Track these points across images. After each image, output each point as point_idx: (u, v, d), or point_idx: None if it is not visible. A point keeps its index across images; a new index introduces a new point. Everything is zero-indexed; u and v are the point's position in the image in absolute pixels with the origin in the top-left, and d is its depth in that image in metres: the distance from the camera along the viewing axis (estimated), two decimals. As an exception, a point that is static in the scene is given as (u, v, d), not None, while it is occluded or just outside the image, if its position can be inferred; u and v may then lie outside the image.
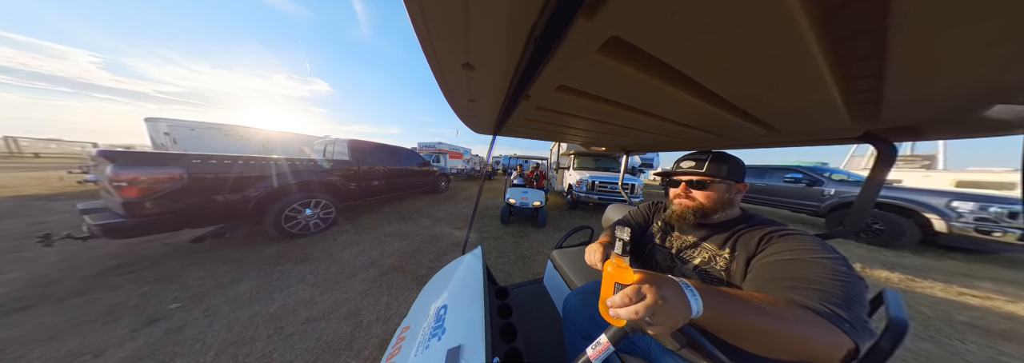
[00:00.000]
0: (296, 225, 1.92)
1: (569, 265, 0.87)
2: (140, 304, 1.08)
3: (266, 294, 1.19)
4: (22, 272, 1.29)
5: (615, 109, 0.43)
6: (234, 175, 1.61)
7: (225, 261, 1.49)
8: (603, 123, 0.59)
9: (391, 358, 0.43)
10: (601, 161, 4.26)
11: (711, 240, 0.44)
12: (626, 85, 0.33)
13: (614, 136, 0.84)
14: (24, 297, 1.09)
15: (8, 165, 6.34)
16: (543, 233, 2.46)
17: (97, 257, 1.47)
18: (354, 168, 2.54)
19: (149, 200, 1.32)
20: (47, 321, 0.97)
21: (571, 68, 0.28)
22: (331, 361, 0.83)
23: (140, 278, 1.27)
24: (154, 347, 0.86)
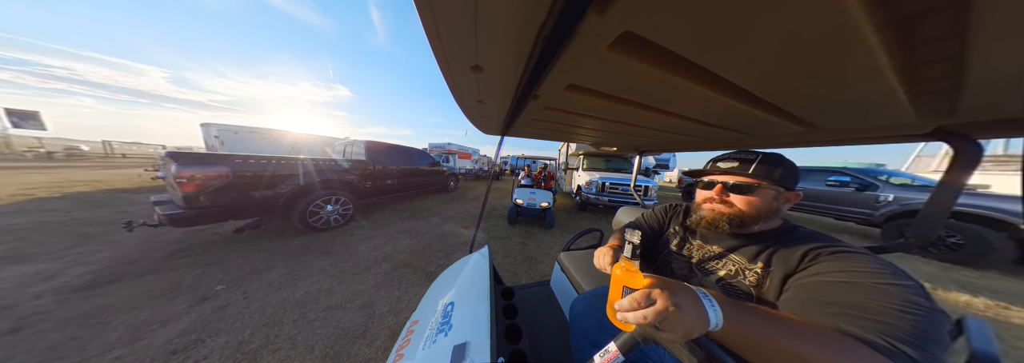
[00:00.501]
0: (318, 220, 2.10)
1: (577, 268, 0.85)
2: (194, 284, 1.25)
3: (293, 282, 1.31)
4: (111, 252, 1.55)
5: (628, 108, 0.41)
6: (268, 173, 1.81)
7: (260, 250, 1.67)
8: (615, 122, 0.56)
9: (401, 350, 0.44)
10: (612, 162, 4.10)
11: (741, 251, 0.39)
12: (640, 82, 0.31)
13: (626, 136, 0.81)
14: (113, 272, 1.32)
15: (104, 164, 7.85)
16: (550, 234, 2.42)
17: (164, 241, 1.73)
18: (370, 168, 2.71)
19: (202, 194, 1.53)
20: (129, 293, 1.16)
21: (581, 66, 0.27)
22: (347, 348, 0.90)
23: (194, 262, 1.47)
24: (204, 322, 0.99)
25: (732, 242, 0.41)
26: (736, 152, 0.41)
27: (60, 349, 0.84)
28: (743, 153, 0.40)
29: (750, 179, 0.38)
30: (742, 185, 0.38)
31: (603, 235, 1.26)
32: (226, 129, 4.60)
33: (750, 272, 0.37)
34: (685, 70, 0.26)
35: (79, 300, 1.09)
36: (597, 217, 3.37)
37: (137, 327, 0.95)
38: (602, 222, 3.11)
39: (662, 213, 0.58)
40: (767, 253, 0.37)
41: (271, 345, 0.90)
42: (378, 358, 0.87)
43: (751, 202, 0.38)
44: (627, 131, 0.68)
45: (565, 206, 3.99)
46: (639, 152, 1.24)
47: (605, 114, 0.49)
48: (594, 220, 3.20)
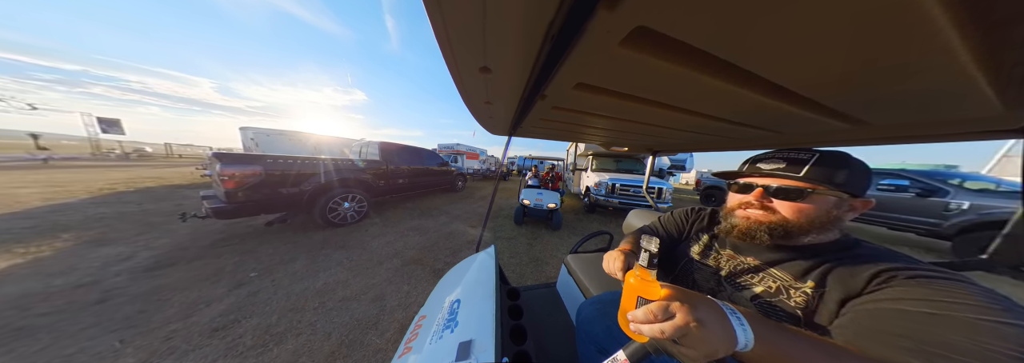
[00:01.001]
0: (337, 216, 2.26)
1: (585, 271, 0.83)
2: (232, 270, 1.41)
3: (313, 273, 1.43)
4: (169, 239, 1.81)
5: (640, 106, 0.39)
6: (294, 172, 1.98)
7: (286, 242, 1.84)
8: (626, 122, 0.54)
9: (409, 343, 0.46)
10: (623, 162, 3.94)
11: (785, 266, 0.33)
12: (654, 79, 0.29)
13: (638, 135, 0.76)
14: (170, 257, 1.53)
15: (165, 163, 9.21)
16: (557, 236, 2.39)
17: (209, 232, 1.97)
18: (383, 167, 2.86)
19: (241, 190, 1.72)
20: (182, 275, 1.34)
21: (590, 65, 0.26)
22: (360, 337, 0.96)
23: (233, 250, 1.66)
24: (240, 304, 1.12)
25: (774, 255, 0.35)
26: (783, 150, 0.35)
27: (132, 320, 1.00)
28: (794, 151, 0.34)
29: (801, 183, 0.31)
30: (789, 189, 0.32)
31: (613, 238, 1.22)
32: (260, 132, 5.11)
33: (796, 291, 0.31)
34: (706, 65, 0.24)
35: (146, 279, 1.29)
36: (606, 220, 3.26)
37: (189, 305, 1.10)
38: (611, 225, 3.00)
39: (682, 218, 0.53)
40: (820, 271, 0.31)
41: (294, 329, 0.99)
42: (388, 349, 0.92)
43: (801, 210, 0.31)
44: (639, 131, 0.65)
45: (573, 207, 3.90)
46: (652, 153, 1.18)
47: (616, 113, 0.47)
48: (603, 223, 3.10)
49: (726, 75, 0.26)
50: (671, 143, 0.92)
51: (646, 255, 0.25)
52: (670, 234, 0.52)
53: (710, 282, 0.41)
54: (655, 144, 1.00)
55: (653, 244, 0.25)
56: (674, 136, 0.71)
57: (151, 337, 0.92)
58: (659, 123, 0.53)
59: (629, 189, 3.08)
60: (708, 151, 0.94)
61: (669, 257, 0.49)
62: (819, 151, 0.33)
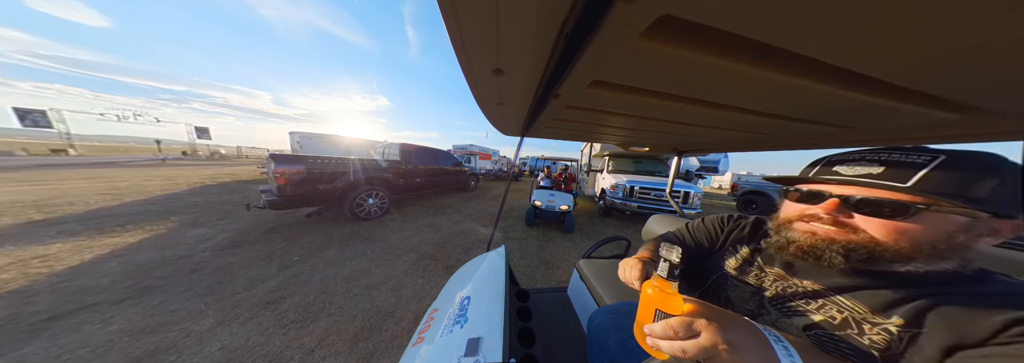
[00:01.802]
0: (362, 211, 2.52)
1: (598, 278, 0.80)
2: (281, 254, 1.67)
3: (343, 261, 1.62)
4: (238, 225, 2.22)
5: (664, 102, 0.36)
6: (329, 171, 2.27)
7: (321, 232, 2.12)
8: (647, 120, 0.50)
9: (422, 333, 0.47)
10: (643, 163, 3.64)
11: (859, 295, 0.26)
12: (681, 73, 0.26)
13: (661, 134, 0.70)
14: (238, 239, 1.88)
15: (236, 163, 11.59)
16: (569, 239, 2.32)
17: (265, 220, 2.37)
18: (403, 167, 3.10)
19: (289, 186, 2.03)
20: (246, 255, 1.63)
21: (607, 60, 0.24)
22: (379, 323, 1.05)
23: (282, 237, 1.97)
24: (285, 284, 1.32)
25: (844, 280, 0.27)
26: (878, 150, 0.26)
27: (213, 288, 1.26)
28: (897, 152, 0.25)
29: (908, 195, 0.22)
30: (885, 203, 0.23)
31: (630, 245, 1.16)
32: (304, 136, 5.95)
33: (874, 327, 0.24)
34: (747, 53, 0.21)
35: (222, 256, 1.60)
36: (623, 224, 3.05)
37: (250, 280, 1.34)
38: (629, 230, 2.80)
39: (716, 226, 0.46)
40: (915, 306, 0.23)
41: (326, 310, 1.13)
42: (403, 336, 1.00)
43: (903, 231, 0.23)
44: (662, 129, 0.59)
45: (587, 210, 3.75)
46: (677, 153, 1.06)
47: (635, 111, 0.44)
48: (620, 227, 2.91)
49: (775, 63, 0.22)
50: (700, 142, 0.83)
51: (666, 265, 0.23)
52: (699, 244, 0.47)
53: (749, 303, 0.35)
54: (681, 143, 0.91)
55: (674, 253, 0.23)
56: (704, 134, 0.63)
57: (224, 303, 1.14)
58: (686, 120, 0.49)
59: (650, 192, 2.85)
60: (748, 151, 0.81)
61: (697, 270, 0.44)
62: (946, 151, 0.24)
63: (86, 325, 0.97)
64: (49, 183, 3.59)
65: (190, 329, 0.98)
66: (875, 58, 0.20)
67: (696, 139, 0.76)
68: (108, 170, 5.50)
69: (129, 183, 3.86)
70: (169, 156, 12.97)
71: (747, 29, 0.18)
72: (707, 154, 1.11)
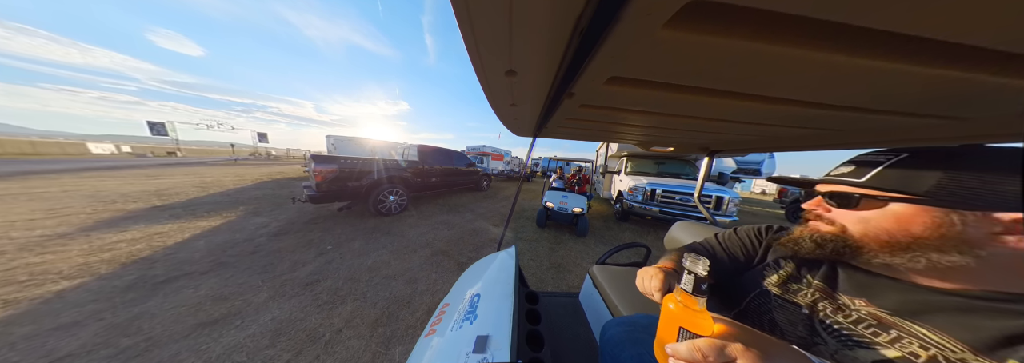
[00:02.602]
0: (384, 207, 2.77)
1: (613, 286, 0.77)
2: (318, 242, 1.93)
3: (366, 252, 1.80)
4: (286, 216, 2.63)
5: (693, 98, 0.32)
6: (357, 170, 2.55)
7: (350, 225, 2.39)
8: (671, 117, 0.46)
9: (434, 326, 0.49)
10: (666, 165, 3.33)
11: (945, 323, 0.22)
12: (715, 63, 0.23)
13: (689, 133, 0.63)
14: (286, 228, 2.23)
15: (285, 163, 13.79)
16: (582, 243, 2.25)
17: (306, 212, 2.76)
18: (420, 167, 3.33)
19: (325, 183, 2.35)
20: (291, 241, 1.93)
21: (625, 55, 0.23)
22: (396, 312, 1.16)
23: (318, 227, 2.28)
24: (320, 269, 1.52)
25: (912, 298, 0.24)
26: (867, 152, 0.29)
27: (266, 268, 1.52)
28: (881, 153, 0.27)
29: (861, 189, 0.26)
30: (842, 195, 0.28)
31: (650, 253, 1.09)
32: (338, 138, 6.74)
33: None
34: (809, 34, 0.17)
35: (274, 241, 1.91)
36: (643, 230, 2.83)
37: (294, 263, 1.58)
38: (650, 237, 2.59)
39: (753, 237, 0.41)
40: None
41: (352, 295, 1.27)
42: (416, 326, 1.07)
43: (865, 220, 0.26)
44: (691, 127, 0.53)
45: (601, 214, 3.57)
46: (709, 153, 0.95)
47: (658, 108, 0.41)
48: (639, 233, 2.70)
49: (846, 43, 0.17)
50: (737, 141, 0.73)
51: (691, 279, 0.21)
52: (733, 256, 0.41)
53: (799, 328, 0.30)
54: (712, 143, 0.82)
55: (700, 266, 0.21)
56: (742, 132, 0.55)
57: (275, 282, 1.36)
58: (719, 117, 0.43)
59: (674, 196, 2.59)
60: (803, 150, 0.67)
61: (731, 286, 0.39)
62: (912, 149, 0.26)
63: (185, 289, 1.25)
64: (165, 178, 4.70)
65: (251, 300, 1.19)
66: (993, 27, 0.15)
67: (732, 137, 0.67)
68: (199, 168, 6.99)
69: (212, 179, 4.85)
70: (239, 157, 16.03)
71: (809, 6, 0.14)
72: (746, 154, 0.96)
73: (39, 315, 1.04)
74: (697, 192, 1.12)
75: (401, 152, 3.65)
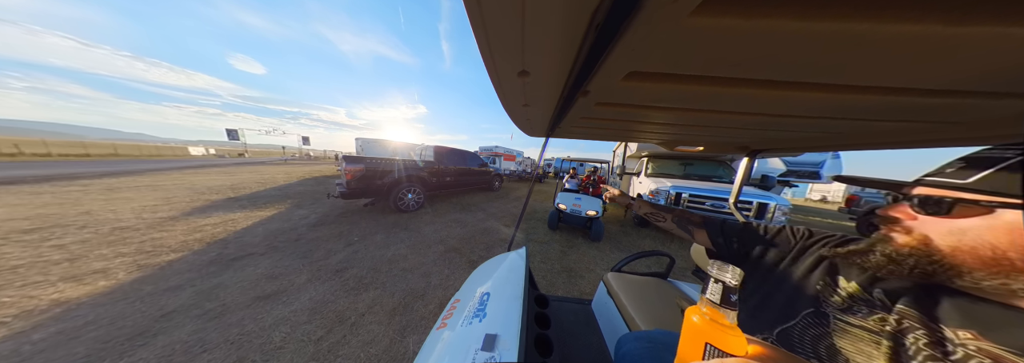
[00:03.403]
0: (403, 204, 3.02)
1: (630, 296, 0.74)
2: (346, 234, 2.19)
3: (387, 245, 1.99)
4: (323, 209, 3.02)
5: (729, 90, 0.28)
6: (381, 169, 2.83)
7: (373, 220, 2.65)
8: (701, 113, 0.41)
9: (445, 319, 0.50)
10: (695, 166, 3.00)
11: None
12: (760, 49, 0.20)
13: (724, 130, 0.56)
14: (322, 220, 2.57)
15: (322, 163, 16.09)
16: (596, 248, 2.17)
17: (338, 207, 3.14)
18: (436, 167, 3.55)
19: (354, 181, 2.65)
20: (325, 232, 2.22)
21: (646, 48, 0.21)
22: (411, 303, 1.26)
23: (347, 220, 2.57)
24: (348, 258, 1.73)
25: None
26: (992, 148, 0.22)
27: (305, 254, 1.77)
28: (1004, 149, 0.21)
29: (959, 193, 0.21)
30: (935, 200, 0.22)
31: (674, 263, 1.01)
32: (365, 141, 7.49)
33: None
34: (891, 3, 0.14)
35: (312, 231, 2.22)
36: (665, 237, 2.61)
37: (327, 251, 1.81)
38: (673, 245, 2.38)
39: (788, 235, 0.36)
40: None
41: (374, 284, 1.42)
42: (429, 318, 1.15)
43: (960, 231, 0.21)
44: (726, 123, 0.48)
45: (618, 218, 3.37)
46: (749, 153, 0.83)
47: (685, 103, 0.37)
48: (660, 241, 2.50)
49: (953, 11, 0.14)
50: (787, 138, 0.62)
51: (718, 287, 0.19)
52: (773, 266, 0.36)
53: (856, 352, 0.25)
54: (754, 141, 0.71)
55: (730, 273, 0.19)
56: (796, 128, 0.47)
57: (312, 266, 1.58)
58: (764, 110, 0.37)
59: (704, 202, 2.32)
60: (881, 148, 0.54)
61: (772, 298, 0.33)
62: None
63: (248, 267, 1.53)
64: (236, 175, 5.77)
65: (293, 281, 1.40)
66: None
67: (779, 135, 0.57)
68: (260, 167, 8.43)
69: (268, 176, 5.80)
70: (288, 158, 19.04)
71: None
72: (798, 154, 0.81)
73: (157, 278, 1.37)
74: (733, 197, 0.98)
75: (419, 153, 3.92)
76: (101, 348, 0.90)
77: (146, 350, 0.91)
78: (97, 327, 1.00)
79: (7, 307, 1.11)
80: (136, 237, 1.89)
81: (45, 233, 1.88)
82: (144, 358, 0.88)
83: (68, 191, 3.23)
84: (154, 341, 0.94)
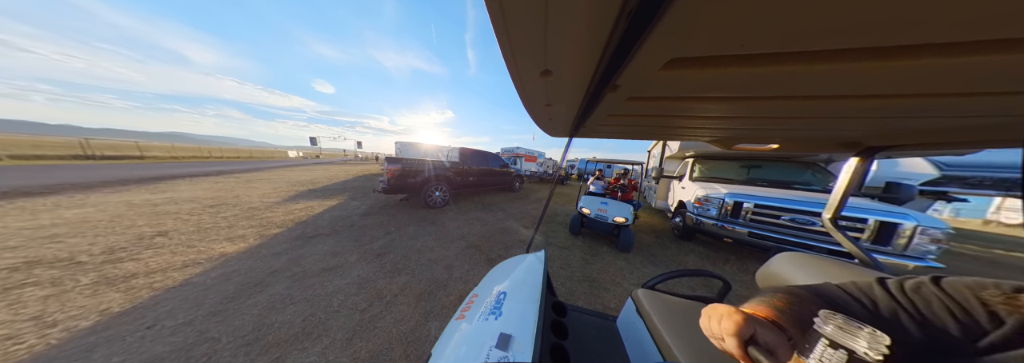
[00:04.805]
0: (431, 200, 3.40)
1: (666, 320, 0.65)
2: (386, 223, 2.60)
3: (417, 236, 2.28)
4: (371, 201, 3.65)
5: (828, 66, 0.21)
6: (414, 169, 3.26)
7: (406, 214, 3.06)
8: (774, 101, 0.32)
9: (463, 312, 0.51)
10: (762, 169, 2.37)
11: None
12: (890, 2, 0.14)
13: (813, 122, 0.43)
14: (370, 210, 3.13)
15: (370, 163, 19.27)
16: (624, 259, 2.00)
17: (381, 200, 3.74)
18: (461, 167, 3.89)
19: (393, 178, 3.13)
20: (371, 221, 2.69)
21: (694, 29, 0.18)
22: (435, 292, 1.42)
23: (387, 212, 3.05)
24: (387, 244, 2.06)
25: None
26: None
27: (355, 238, 2.19)
28: None
29: None
30: None
31: (730, 290, 0.84)
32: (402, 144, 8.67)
33: None
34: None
35: (362, 220, 2.72)
36: (716, 256, 2.16)
37: (371, 238, 2.21)
38: (728, 266, 1.95)
39: (968, 296, 0.23)
40: None
41: (406, 269, 1.67)
42: (449, 307, 1.29)
43: None
44: (817, 111, 0.36)
45: (653, 227, 3.02)
46: (861, 152, 0.61)
47: (750, 90, 0.29)
48: (709, 259, 2.08)
49: None
50: (935, 130, 0.42)
51: (840, 356, 0.14)
52: (928, 322, 0.24)
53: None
54: (869, 134, 0.52)
55: (864, 339, 0.13)
56: (941, 112, 0.32)
57: (360, 250, 1.95)
58: (888, 91, 0.27)
59: (778, 215, 1.76)
60: None
61: None
62: None
63: (319, 244, 1.99)
64: (313, 172, 7.51)
65: (347, 259, 1.75)
66: None
67: (916, 124, 0.39)
68: (329, 166, 10.76)
69: (333, 173, 7.33)
70: (347, 159, 24.13)
71: None
72: (967, 152, 0.52)
73: (269, 246, 1.93)
74: (831, 211, 0.71)
75: (446, 154, 4.33)
76: (240, 290, 1.35)
77: (262, 295, 1.31)
78: (239, 275, 1.49)
79: (199, 253, 1.75)
80: (259, 215, 2.70)
81: (218, 208, 2.86)
82: (261, 301, 1.26)
83: (226, 182, 4.82)
84: (265, 290, 1.35)
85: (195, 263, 1.60)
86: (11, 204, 2.62)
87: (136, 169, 6.41)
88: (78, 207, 2.62)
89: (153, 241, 1.87)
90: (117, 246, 1.75)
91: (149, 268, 1.50)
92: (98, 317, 1.09)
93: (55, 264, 1.49)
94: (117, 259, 1.58)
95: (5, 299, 1.18)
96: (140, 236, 1.95)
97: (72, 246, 1.72)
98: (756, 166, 2.48)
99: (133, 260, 1.58)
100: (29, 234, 1.89)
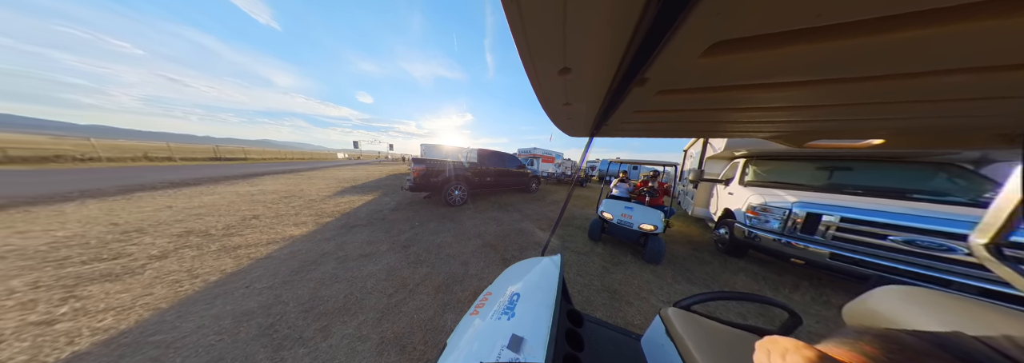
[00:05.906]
0: (451, 199, 3.65)
1: (703, 348, 0.58)
2: (411, 218, 2.90)
3: (437, 232, 2.49)
4: (400, 198, 4.12)
5: (950, 28, 0.16)
6: (436, 169, 3.56)
7: (429, 210, 3.35)
8: (876, 81, 0.25)
9: (477, 308, 0.51)
10: (854, 172, 1.82)
11: None
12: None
13: (939, 106, 0.32)
14: (399, 205, 3.54)
15: (398, 163, 21.71)
16: (652, 272, 1.87)
17: (408, 197, 4.18)
18: (479, 167, 4.09)
19: (419, 177, 3.48)
20: (399, 215, 3.04)
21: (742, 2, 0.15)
22: (452, 286, 1.55)
23: (412, 208, 3.39)
24: (412, 237, 2.31)
25: None
26: None
27: (386, 229, 2.50)
28: None
29: None
30: None
31: (800, 323, 0.68)
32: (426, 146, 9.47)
33: None
34: None
35: (392, 214, 3.09)
36: (779, 280, 1.82)
37: (399, 231, 2.48)
38: (796, 295, 1.62)
39: None
40: None
41: (427, 262, 1.85)
42: (464, 301, 1.38)
43: None
44: (950, 92, 0.28)
45: (690, 237, 2.71)
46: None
47: (843, 68, 0.23)
48: (768, 284, 1.76)
49: None
50: None
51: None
52: None
53: None
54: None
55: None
56: None
57: (389, 240, 2.22)
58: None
59: (885, 234, 1.36)
60: None
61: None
62: None
63: (358, 233, 2.35)
64: (355, 171, 8.80)
65: (379, 248, 2.02)
66: None
67: None
68: (367, 166, 12.46)
69: (370, 173, 8.43)
70: (381, 160, 27.60)
71: None
72: None
73: (322, 232, 2.36)
74: (990, 234, 0.40)
75: (465, 155, 4.59)
76: (302, 265, 1.70)
77: (317, 272, 1.62)
78: (302, 253, 1.87)
79: (277, 233, 2.26)
80: (316, 205, 3.31)
81: (289, 199, 3.63)
82: (315, 276, 1.57)
83: (295, 178, 6.02)
84: (318, 269, 1.66)
85: (274, 241, 2.06)
86: (178, 192, 3.81)
87: (242, 168, 8.61)
88: (210, 195, 3.66)
89: (250, 222, 2.48)
90: (230, 224, 2.40)
91: (248, 242, 2.00)
92: (219, 275, 1.53)
93: (200, 234, 2.13)
94: (230, 234, 2.16)
95: (176, 255, 1.76)
96: (243, 217, 2.62)
97: (206, 223, 2.42)
98: (843, 168, 1.88)
99: (239, 235, 2.13)
100: (188, 212, 2.74)
